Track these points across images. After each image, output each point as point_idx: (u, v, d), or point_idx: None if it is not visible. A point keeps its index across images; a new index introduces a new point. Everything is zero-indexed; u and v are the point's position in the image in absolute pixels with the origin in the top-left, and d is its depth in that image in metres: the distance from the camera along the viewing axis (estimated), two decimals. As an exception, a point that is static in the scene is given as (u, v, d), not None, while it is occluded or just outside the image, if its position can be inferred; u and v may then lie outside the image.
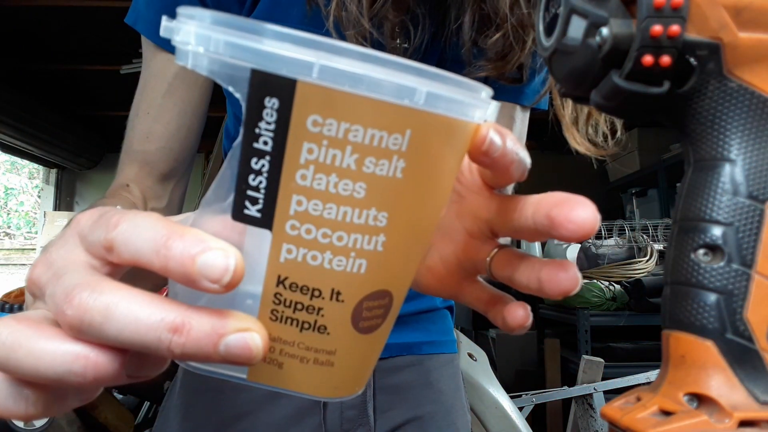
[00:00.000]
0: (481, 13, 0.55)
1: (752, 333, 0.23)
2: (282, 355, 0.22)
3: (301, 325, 0.21)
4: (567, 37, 0.24)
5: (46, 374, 0.19)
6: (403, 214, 0.21)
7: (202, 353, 0.19)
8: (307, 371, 0.22)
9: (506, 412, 1.52)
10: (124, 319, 0.19)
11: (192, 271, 0.19)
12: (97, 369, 0.19)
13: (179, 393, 0.66)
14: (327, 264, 0.20)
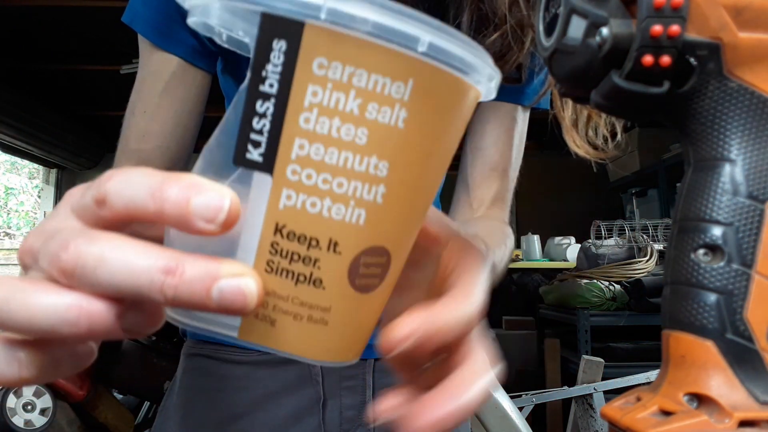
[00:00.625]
0: (480, 13, 0.55)
1: (752, 333, 0.23)
2: (275, 311, 0.21)
3: (297, 278, 0.21)
4: (567, 37, 0.24)
5: (39, 325, 0.19)
6: (404, 166, 0.21)
7: (195, 297, 0.19)
8: (300, 329, 0.21)
9: (506, 412, 1.52)
10: (117, 263, 0.19)
11: (187, 211, 0.19)
12: (91, 318, 0.19)
13: (179, 393, 0.66)
14: (326, 212, 0.20)
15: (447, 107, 0.22)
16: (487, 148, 0.63)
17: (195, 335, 0.68)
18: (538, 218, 3.79)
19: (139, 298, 0.19)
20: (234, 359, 0.64)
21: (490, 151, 0.63)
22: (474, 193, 0.63)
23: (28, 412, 1.38)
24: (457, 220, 0.61)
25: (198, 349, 0.67)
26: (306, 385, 0.64)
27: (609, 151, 0.57)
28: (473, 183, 0.63)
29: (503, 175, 0.63)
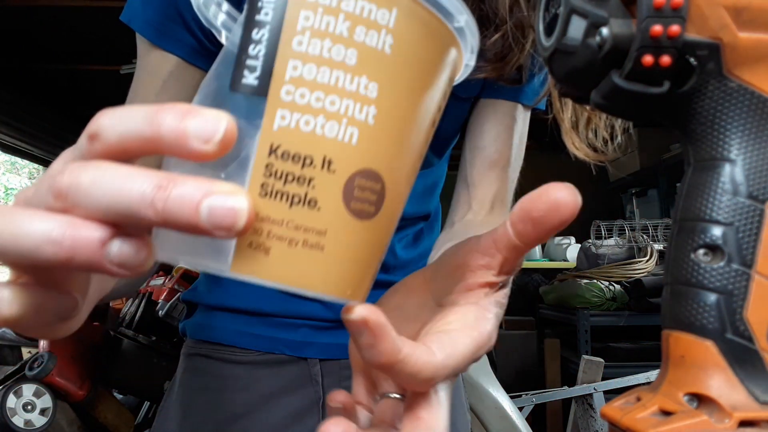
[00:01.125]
0: (480, 14, 0.55)
1: (752, 333, 0.23)
2: (269, 237, 0.21)
3: (291, 200, 0.21)
4: (567, 37, 0.24)
5: (23, 244, 0.19)
6: (392, 91, 0.22)
7: (184, 213, 0.19)
8: (296, 257, 0.21)
9: (506, 412, 1.52)
10: (111, 180, 0.19)
11: (184, 132, 0.19)
12: (75, 238, 0.19)
13: (178, 393, 0.66)
14: (319, 129, 0.21)
15: (429, 48, 0.24)
16: (486, 147, 0.63)
17: (195, 335, 0.68)
18: (538, 218, 3.76)
19: (129, 219, 0.19)
20: (234, 359, 0.64)
21: (489, 149, 0.63)
22: (474, 192, 0.62)
23: (28, 412, 1.38)
24: (457, 220, 0.61)
25: (197, 348, 0.67)
26: (305, 385, 0.64)
27: (608, 154, 0.57)
28: (473, 182, 0.63)
29: (503, 174, 0.63)
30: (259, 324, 0.65)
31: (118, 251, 0.19)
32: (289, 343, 0.64)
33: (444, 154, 0.71)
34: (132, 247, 0.20)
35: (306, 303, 0.65)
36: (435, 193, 0.73)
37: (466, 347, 0.27)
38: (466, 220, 0.61)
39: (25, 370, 1.41)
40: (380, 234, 0.24)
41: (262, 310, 0.65)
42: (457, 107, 0.65)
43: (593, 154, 0.56)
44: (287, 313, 0.65)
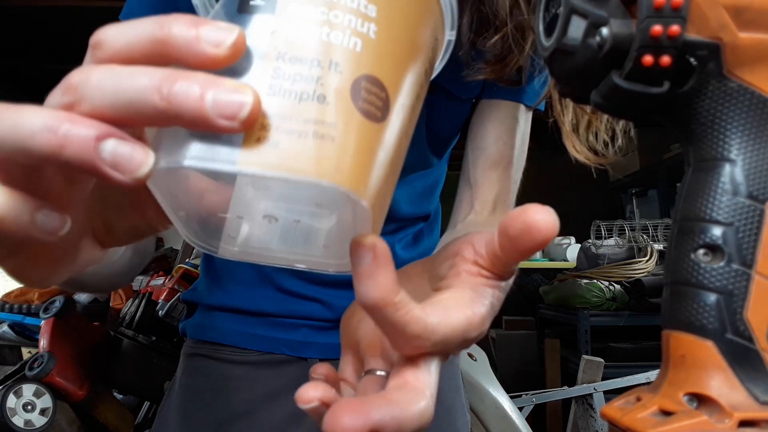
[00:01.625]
0: (480, 15, 0.55)
1: (752, 333, 0.23)
2: (278, 131, 0.20)
3: (300, 96, 0.21)
4: (567, 37, 0.24)
5: (20, 132, 0.19)
6: (389, 16, 0.24)
7: (190, 101, 0.19)
8: (307, 147, 0.20)
9: (506, 412, 1.52)
10: (120, 73, 0.19)
11: (196, 36, 0.20)
12: (70, 128, 0.19)
13: (178, 393, 0.66)
14: (325, 36, 0.22)
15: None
16: (488, 147, 0.63)
17: (195, 335, 0.68)
18: (538, 218, 3.76)
19: (133, 111, 0.19)
20: (234, 359, 0.64)
21: (492, 150, 0.63)
22: (476, 192, 0.62)
23: (28, 412, 1.38)
24: (459, 220, 0.61)
25: (197, 349, 0.67)
26: (306, 385, 0.64)
27: (609, 157, 0.56)
28: (475, 182, 0.63)
29: (505, 175, 0.63)
30: (259, 324, 0.65)
31: (112, 149, 0.19)
32: (289, 344, 0.64)
33: (444, 155, 0.71)
34: (127, 148, 0.19)
35: (306, 303, 0.65)
36: (435, 193, 0.74)
37: (459, 321, 0.27)
38: (468, 221, 0.61)
39: (25, 370, 1.41)
40: (391, 140, 0.24)
41: (262, 311, 0.65)
42: (458, 108, 0.65)
43: (594, 157, 0.56)
44: (287, 313, 0.65)
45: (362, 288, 0.23)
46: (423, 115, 0.63)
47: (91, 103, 0.20)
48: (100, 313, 1.92)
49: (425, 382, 0.26)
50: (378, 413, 0.22)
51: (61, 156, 0.19)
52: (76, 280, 0.45)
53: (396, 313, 0.24)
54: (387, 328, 0.24)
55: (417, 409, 0.24)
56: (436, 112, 0.64)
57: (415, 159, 0.66)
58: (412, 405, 0.24)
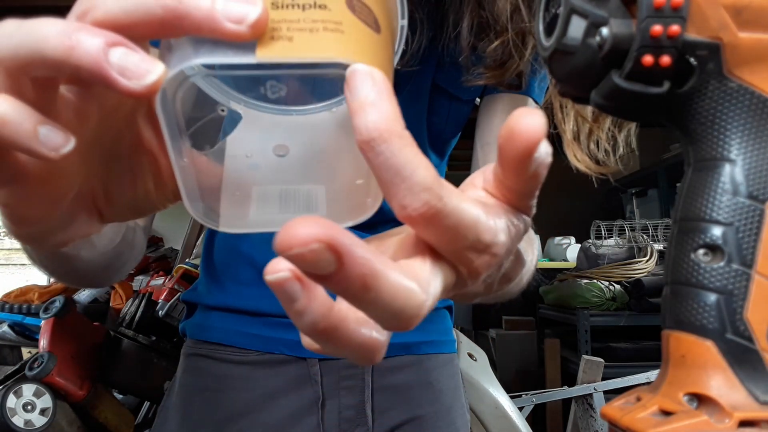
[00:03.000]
0: (480, 20, 0.54)
1: (752, 333, 0.23)
2: (290, 30, 0.21)
3: (303, 6, 0.22)
4: (567, 37, 0.24)
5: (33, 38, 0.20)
6: None
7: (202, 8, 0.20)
8: (318, 37, 0.21)
9: (506, 412, 1.52)
10: None
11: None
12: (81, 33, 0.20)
13: (178, 393, 0.66)
14: None
15: None
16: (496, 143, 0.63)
17: (195, 335, 0.68)
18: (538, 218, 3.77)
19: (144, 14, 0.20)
20: (233, 359, 0.65)
21: None
22: None
23: (28, 412, 1.38)
24: None
25: (197, 349, 0.67)
26: (305, 385, 0.64)
27: (611, 166, 0.56)
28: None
29: None
30: (259, 324, 0.65)
31: (120, 55, 0.20)
32: (289, 343, 0.64)
33: (445, 156, 0.71)
34: (136, 56, 0.20)
35: None
36: None
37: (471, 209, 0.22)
38: None
39: (25, 370, 1.41)
40: (388, 52, 0.24)
41: (262, 311, 0.65)
42: (459, 109, 0.65)
43: (595, 166, 0.55)
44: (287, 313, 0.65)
45: (363, 117, 0.19)
46: (424, 116, 0.63)
47: (104, 6, 0.20)
48: (100, 313, 1.92)
49: (422, 275, 0.21)
50: (347, 238, 0.17)
51: (71, 59, 0.19)
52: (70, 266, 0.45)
53: (404, 149, 0.19)
54: (390, 172, 0.19)
55: (401, 280, 0.19)
56: (437, 114, 0.64)
57: None
58: (397, 272, 0.19)
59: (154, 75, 0.20)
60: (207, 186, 0.27)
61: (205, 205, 0.27)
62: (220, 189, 0.28)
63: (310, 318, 0.19)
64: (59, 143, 0.21)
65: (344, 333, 0.20)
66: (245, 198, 0.28)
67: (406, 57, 0.56)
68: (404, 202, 0.20)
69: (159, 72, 0.20)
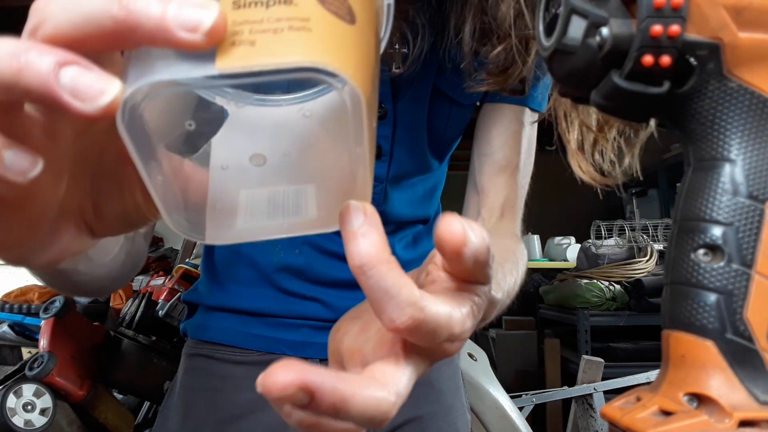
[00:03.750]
0: (482, 25, 0.54)
1: (752, 333, 0.23)
2: (252, 33, 0.20)
3: (267, 4, 0.20)
4: (567, 37, 0.24)
5: None
6: None
7: (150, 11, 0.18)
8: (284, 39, 0.20)
9: (506, 412, 1.52)
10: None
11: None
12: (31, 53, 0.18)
13: (179, 393, 0.66)
14: None
15: None
16: (494, 153, 0.62)
17: (196, 335, 0.68)
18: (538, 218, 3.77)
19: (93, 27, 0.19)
20: (234, 359, 0.65)
21: (498, 156, 0.62)
22: (483, 199, 0.62)
23: (28, 412, 1.38)
24: None
25: (198, 349, 0.67)
26: (306, 385, 0.64)
27: (617, 177, 0.55)
28: (482, 189, 0.62)
29: (512, 180, 0.62)
30: (260, 324, 0.65)
31: (72, 76, 0.18)
32: (290, 344, 0.64)
33: (445, 158, 0.70)
34: (89, 75, 0.18)
35: (306, 303, 0.65)
36: (435, 196, 0.73)
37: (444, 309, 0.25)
38: None
39: (25, 370, 1.41)
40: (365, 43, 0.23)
41: (263, 311, 0.65)
42: (460, 113, 0.64)
43: (600, 177, 0.54)
44: (287, 313, 0.65)
45: (355, 247, 0.22)
46: (424, 120, 0.63)
47: (54, 21, 0.19)
48: (100, 313, 1.92)
49: (393, 379, 0.25)
50: (317, 377, 0.21)
51: (20, 82, 0.18)
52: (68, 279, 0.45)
53: (391, 272, 0.22)
54: (379, 292, 0.23)
55: (370, 395, 0.22)
56: (438, 118, 0.64)
57: (416, 164, 0.66)
58: (365, 389, 0.22)
59: (108, 96, 0.18)
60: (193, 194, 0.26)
61: (189, 217, 0.26)
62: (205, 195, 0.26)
63: (296, 418, 0.23)
64: (25, 167, 0.20)
65: (327, 427, 0.23)
66: (232, 206, 0.27)
67: (407, 62, 0.55)
68: (392, 317, 0.23)
69: (114, 92, 0.19)
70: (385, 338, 0.27)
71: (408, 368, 0.26)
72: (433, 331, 0.24)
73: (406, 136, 0.63)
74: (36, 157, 0.20)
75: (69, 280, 0.44)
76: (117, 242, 0.46)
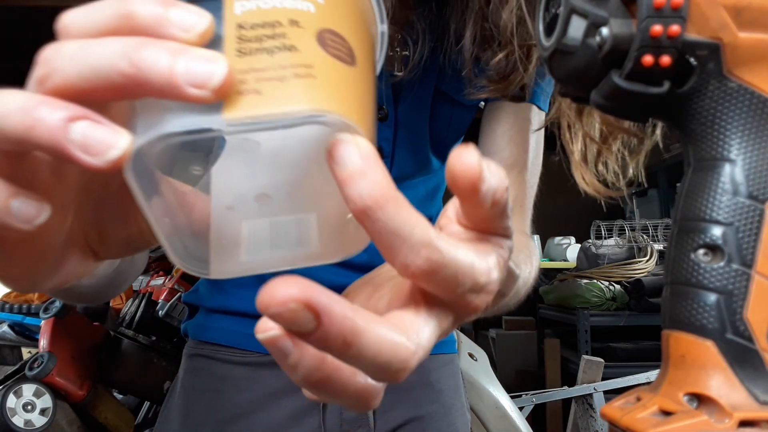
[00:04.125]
0: (483, 32, 0.53)
1: (752, 333, 0.23)
2: (258, 82, 0.20)
3: (271, 51, 0.21)
4: (567, 37, 0.24)
5: None
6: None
7: (159, 68, 0.18)
8: (289, 88, 0.20)
9: (506, 412, 1.52)
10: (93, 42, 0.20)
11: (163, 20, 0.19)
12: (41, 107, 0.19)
13: (180, 393, 0.66)
14: (279, 4, 0.22)
15: None
16: (501, 151, 0.62)
17: (196, 336, 0.68)
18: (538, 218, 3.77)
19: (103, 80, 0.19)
20: (234, 360, 0.65)
21: (504, 153, 0.61)
22: None
23: (28, 412, 1.38)
24: None
25: (199, 349, 0.67)
26: (306, 385, 0.64)
27: (621, 189, 0.54)
28: None
29: (520, 178, 0.61)
30: (260, 325, 0.65)
31: (82, 131, 0.19)
32: (289, 344, 0.64)
33: (446, 160, 0.70)
34: (100, 129, 0.19)
35: None
36: (437, 197, 0.73)
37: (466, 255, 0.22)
38: None
39: (25, 370, 1.41)
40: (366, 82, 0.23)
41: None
42: (462, 114, 0.64)
43: (604, 189, 0.53)
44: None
45: (355, 188, 0.19)
46: (426, 122, 0.63)
47: (62, 73, 0.19)
48: (100, 313, 1.92)
49: (413, 327, 0.22)
50: (326, 297, 0.18)
51: (32, 138, 0.19)
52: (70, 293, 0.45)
53: (401, 210, 0.20)
54: (389, 235, 0.20)
55: (386, 333, 0.20)
56: (440, 119, 0.64)
57: (418, 165, 0.66)
58: (381, 327, 0.20)
59: (117, 150, 0.19)
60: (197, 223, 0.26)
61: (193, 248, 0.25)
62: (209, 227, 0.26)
63: (303, 371, 0.19)
64: (32, 215, 0.20)
65: (338, 382, 0.20)
66: (234, 238, 0.27)
67: (408, 66, 0.55)
68: (407, 261, 0.20)
69: (123, 146, 0.19)
70: (402, 291, 0.24)
71: (430, 319, 0.23)
72: (454, 276, 0.21)
73: (408, 137, 0.63)
74: (42, 204, 0.20)
75: (70, 293, 0.45)
76: None
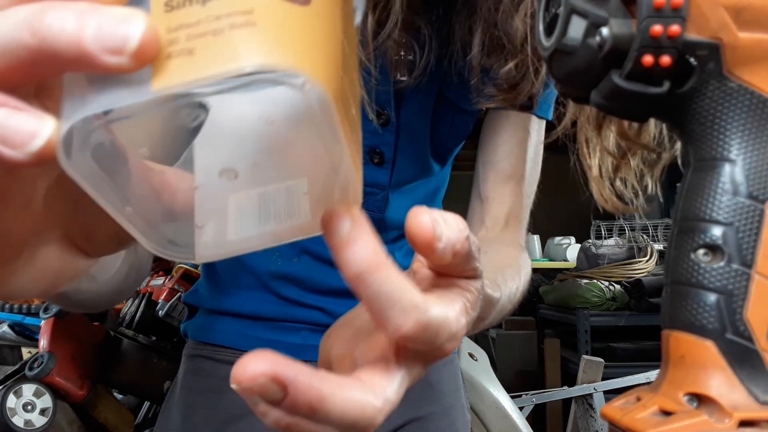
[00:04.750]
0: (492, 38, 0.53)
1: (752, 333, 0.23)
2: (190, 40, 0.17)
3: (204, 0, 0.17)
4: (567, 37, 0.24)
5: None
6: None
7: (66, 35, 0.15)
8: (226, 42, 0.17)
9: (506, 412, 1.52)
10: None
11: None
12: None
13: (180, 394, 0.66)
14: None
15: None
16: (500, 162, 0.62)
17: (196, 337, 0.68)
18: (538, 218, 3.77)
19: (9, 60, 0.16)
20: (233, 361, 0.64)
21: (503, 164, 0.61)
22: (487, 208, 0.61)
23: (28, 412, 1.38)
24: None
25: (199, 350, 0.67)
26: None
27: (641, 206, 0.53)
28: (486, 197, 0.62)
29: (517, 189, 0.61)
30: (260, 327, 0.65)
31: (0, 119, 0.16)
32: (289, 346, 0.64)
33: (447, 163, 0.70)
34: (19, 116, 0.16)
35: (306, 311, 0.65)
36: (437, 199, 0.73)
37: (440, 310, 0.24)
38: (479, 237, 0.59)
39: (25, 370, 1.41)
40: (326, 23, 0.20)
41: (263, 315, 0.65)
42: (464, 120, 0.64)
43: (622, 206, 0.53)
44: (287, 317, 0.65)
45: (348, 256, 0.20)
46: (428, 128, 0.63)
47: None
48: (100, 313, 1.92)
49: (380, 383, 0.23)
50: (291, 370, 0.19)
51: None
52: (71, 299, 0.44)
53: (390, 276, 0.21)
54: (380, 299, 0.21)
55: (351, 396, 0.21)
56: (442, 125, 0.63)
57: (419, 169, 0.66)
58: (347, 390, 0.21)
59: (40, 140, 0.16)
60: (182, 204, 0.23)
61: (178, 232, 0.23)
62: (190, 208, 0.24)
63: (272, 418, 0.21)
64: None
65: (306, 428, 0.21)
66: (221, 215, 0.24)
67: (414, 73, 0.55)
68: (398, 323, 0.22)
69: (47, 134, 0.16)
70: (376, 342, 0.25)
71: (399, 372, 0.24)
72: (436, 333, 0.23)
73: (409, 142, 0.62)
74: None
75: (72, 299, 0.44)
76: (118, 257, 0.46)
